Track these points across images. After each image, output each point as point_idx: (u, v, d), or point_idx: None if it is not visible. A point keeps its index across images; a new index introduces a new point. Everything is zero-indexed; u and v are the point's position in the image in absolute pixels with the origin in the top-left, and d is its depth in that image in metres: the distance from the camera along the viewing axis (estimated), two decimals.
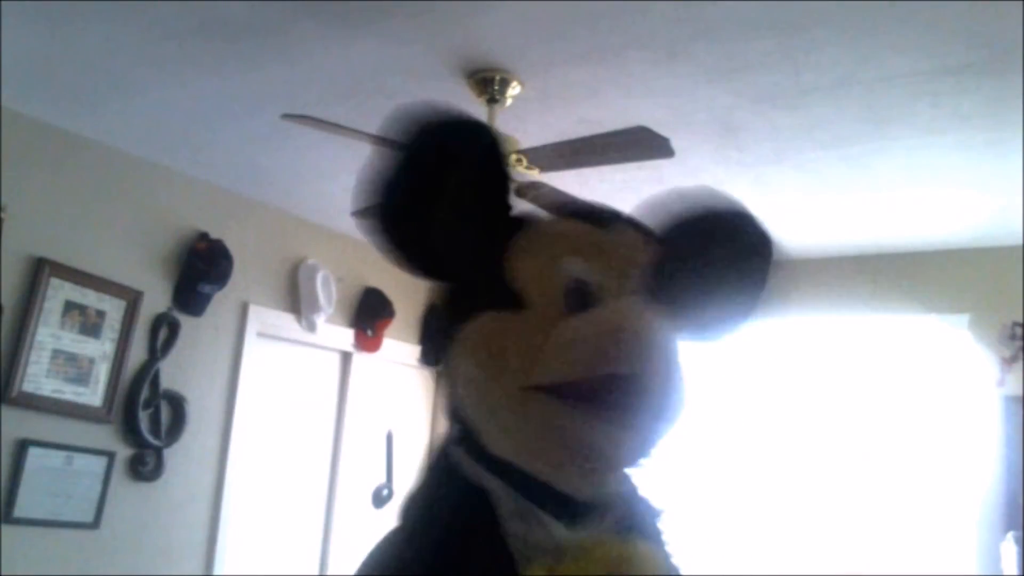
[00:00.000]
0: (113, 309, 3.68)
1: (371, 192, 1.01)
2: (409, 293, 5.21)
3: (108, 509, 3.61)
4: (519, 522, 0.94)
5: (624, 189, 3.60)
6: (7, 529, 3.29)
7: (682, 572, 1.06)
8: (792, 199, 3.76)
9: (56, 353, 3.48)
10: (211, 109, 3.29)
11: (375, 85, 2.98)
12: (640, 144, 2.75)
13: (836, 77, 2.71)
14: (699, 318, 1.10)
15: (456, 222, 1.02)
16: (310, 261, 4.58)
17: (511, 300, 0.99)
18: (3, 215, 3.30)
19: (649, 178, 3.45)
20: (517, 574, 0.90)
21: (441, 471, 1.02)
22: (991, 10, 2.26)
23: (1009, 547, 3.64)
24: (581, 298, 0.98)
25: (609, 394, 0.92)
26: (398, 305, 5.00)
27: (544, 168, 2.91)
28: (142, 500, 3.77)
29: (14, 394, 3.32)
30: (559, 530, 0.93)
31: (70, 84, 3.14)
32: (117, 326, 3.69)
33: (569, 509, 0.95)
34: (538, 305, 0.98)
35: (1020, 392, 3.88)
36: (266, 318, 4.38)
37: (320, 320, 4.57)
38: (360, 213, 1.06)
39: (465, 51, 2.72)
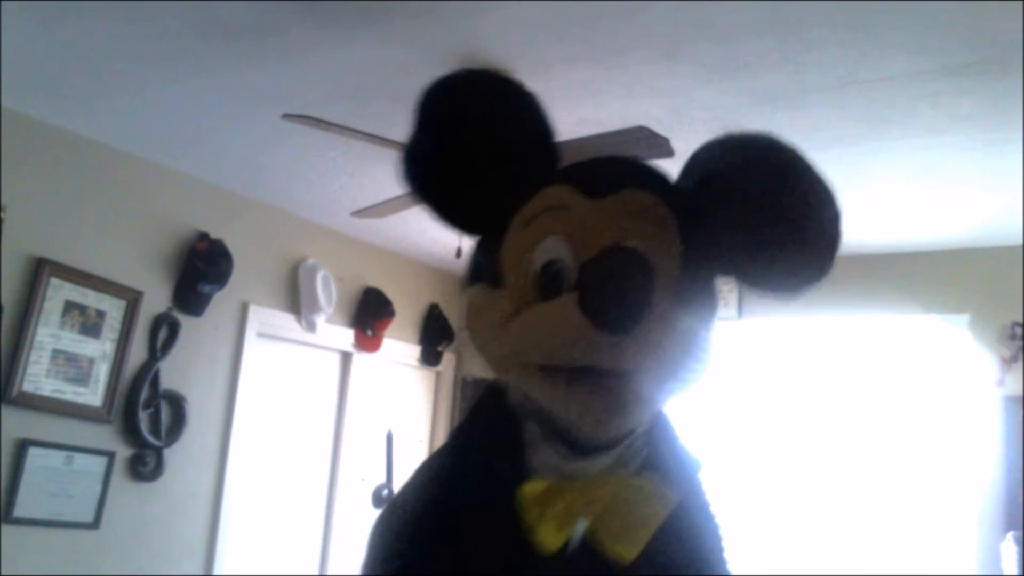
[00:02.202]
0: (113, 309, 3.68)
1: (409, 146, 1.08)
2: (409, 293, 5.22)
3: (108, 509, 3.61)
4: (539, 445, 1.01)
5: None
6: (7, 529, 3.29)
7: (717, 523, 1.09)
8: None
9: (56, 353, 3.48)
10: (211, 109, 3.29)
11: (375, 85, 2.98)
12: (640, 144, 2.75)
13: (836, 77, 2.70)
14: (746, 269, 1.05)
15: (470, 175, 1.05)
16: (310, 261, 4.58)
17: (496, 276, 1.03)
18: (3, 215, 3.30)
19: None
20: (522, 480, 0.97)
21: (486, 395, 1.10)
22: (991, 10, 2.26)
23: (1009, 547, 3.65)
24: (552, 282, 0.97)
25: (563, 376, 0.95)
26: (398, 305, 5.00)
27: None
28: (142, 500, 3.77)
29: (14, 394, 3.32)
30: (570, 458, 0.99)
31: (70, 84, 3.14)
32: (117, 326, 3.69)
33: (585, 444, 1.00)
34: (512, 287, 1.00)
35: (1020, 392, 3.89)
36: (266, 318, 4.38)
37: (320, 320, 4.57)
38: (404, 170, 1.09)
39: (465, 51, 2.72)
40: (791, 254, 1.02)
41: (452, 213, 1.09)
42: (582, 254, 0.96)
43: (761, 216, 1.00)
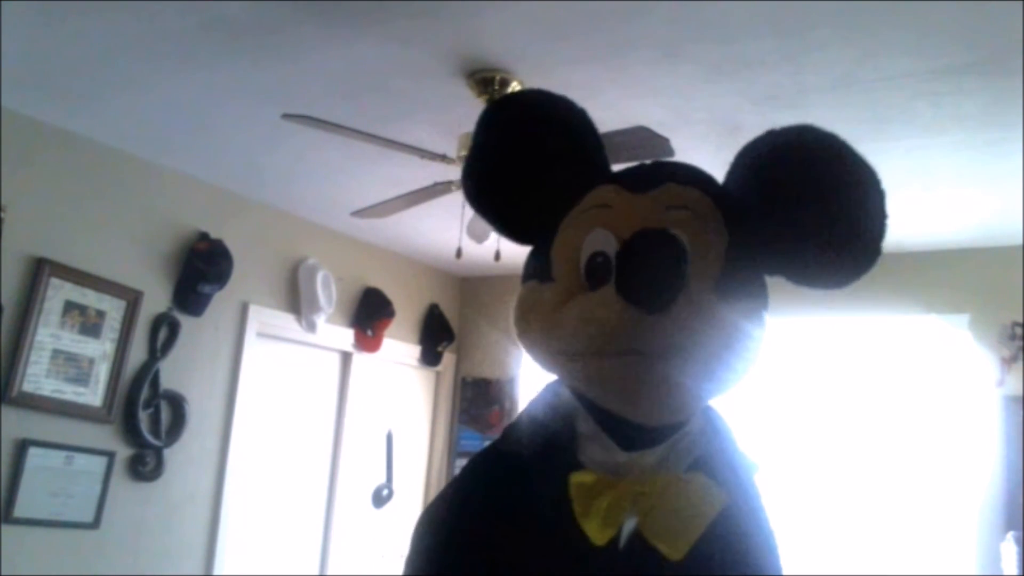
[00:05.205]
0: (113, 309, 3.68)
1: (468, 163, 1.16)
2: (409, 293, 5.22)
3: (108, 509, 3.61)
4: (590, 441, 1.04)
5: None
6: (7, 529, 3.29)
7: (771, 527, 1.09)
8: None
9: (56, 353, 3.48)
10: (211, 109, 3.29)
11: (375, 85, 2.98)
12: (640, 144, 2.75)
13: (836, 77, 2.70)
14: (795, 262, 1.07)
15: (528, 188, 1.12)
16: (310, 261, 4.58)
17: (547, 271, 1.07)
18: (3, 215, 3.30)
19: None
20: (573, 471, 1.00)
21: (544, 391, 1.13)
22: (991, 10, 2.26)
23: (1009, 547, 3.65)
24: (597, 271, 1.01)
25: (607, 361, 0.98)
26: (398, 305, 5.00)
27: None
28: (142, 500, 3.77)
29: (14, 394, 3.32)
30: (619, 453, 1.03)
31: (70, 84, 3.14)
32: (117, 326, 3.69)
33: (633, 438, 1.03)
34: (561, 279, 1.04)
35: (1020, 392, 3.89)
36: (266, 318, 4.38)
37: (320, 320, 4.57)
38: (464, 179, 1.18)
39: (465, 51, 2.72)
40: (842, 247, 1.04)
41: (510, 225, 1.15)
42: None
43: (811, 212, 1.03)
